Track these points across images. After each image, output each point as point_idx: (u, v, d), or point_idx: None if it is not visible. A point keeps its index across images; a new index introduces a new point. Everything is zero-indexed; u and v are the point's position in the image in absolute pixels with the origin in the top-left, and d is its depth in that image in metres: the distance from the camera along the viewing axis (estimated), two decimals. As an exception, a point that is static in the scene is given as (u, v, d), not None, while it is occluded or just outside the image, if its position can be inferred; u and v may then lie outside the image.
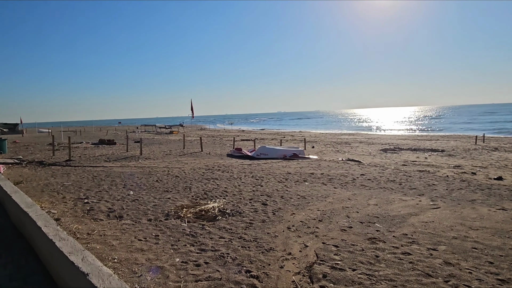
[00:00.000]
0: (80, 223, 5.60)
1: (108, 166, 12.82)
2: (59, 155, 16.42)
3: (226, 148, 22.43)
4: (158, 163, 13.92)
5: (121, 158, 15.36)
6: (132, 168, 12.48)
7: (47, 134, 49.27)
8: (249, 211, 6.54)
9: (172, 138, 34.93)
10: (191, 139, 33.82)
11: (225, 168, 12.49)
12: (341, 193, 8.29)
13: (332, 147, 24.18)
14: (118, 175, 10.84)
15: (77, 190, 8.35)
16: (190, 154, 17.24)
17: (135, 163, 13.85)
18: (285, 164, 13.88)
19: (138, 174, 10.96)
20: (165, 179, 10.13)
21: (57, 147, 21.87)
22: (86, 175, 10.74)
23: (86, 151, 19.13)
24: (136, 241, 4.79)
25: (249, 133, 47.03)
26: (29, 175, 10.65)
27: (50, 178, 10.05)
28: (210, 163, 14.10)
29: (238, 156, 16.87)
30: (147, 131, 56.49)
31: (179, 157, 16.07)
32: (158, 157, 15.67)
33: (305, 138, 26.09)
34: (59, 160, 14.38)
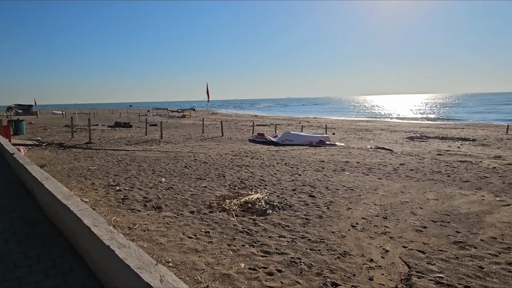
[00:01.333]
0: (117, 215, 5.01)
1: (131, 150, 12.27)
2: (78, 137, 15.96)
3: (245, 133, 21.74)
4: (180, 147, 13.32)
5: (142, 141, 14.81)
6: (156, 152, 11.90)
7: (61, 115, 49.24)
8: (298, 204, 5.87)
9: (186, 122, 34.36)
10: (206, 124, 33.22)
11: (252, 154, 11.82)
12: (390, 185, 7.55)
13: (354, 134, 23.30)
14: (143, 159, 10.27)
15: (105, 175, 7.79)
16: (211, 139, 16.59)
17: (157, 147, 13.28)
18: (314, 151, 13.15)
19: (164, 159, 10.37)
20: (193, 165, 9.52)
21: (74, 129, 21.51)
22: (110, 159, 10.19)
23: (104, 133, 18.65)
24: (186, 239, 4.17)
25: (263, 118, 46.19)
26: (51, 158, 10.15)
27: (74, 161, 9.53)
28: (234, 148, 13.45)
29: (260, 141, 16.17)
30: (159, 114, 56.08)
31: (200, 141, 15.44)
32: (179, 141, 15.07)
33: (326, 125, 25.18)
34: (79, 143, 13.90)
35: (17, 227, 3.89)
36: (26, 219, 4.15)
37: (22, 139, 14.88)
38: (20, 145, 11.92)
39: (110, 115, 52.07)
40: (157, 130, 21.13)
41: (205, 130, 22.32)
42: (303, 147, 14.80)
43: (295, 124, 34.69)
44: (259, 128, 27.99)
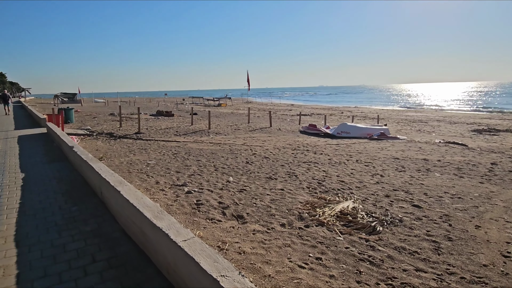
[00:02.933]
0: (197, 226, 4.18)
1: (182, 141, 11.63)
2: (126, 127, 15.67)
3: (290, 123, 20.61)
4: (232, 139, 12.51)
5: (190, 132, 14.19)
6: (208, 144, 11.15)
7: (103, 104, 50.70)
8: (407, 217, 4.74)
9: (223, 111, 33.75)
10: (243, 112, 32.42)
11: (313, 149, 10.73)
12: (503, 192, 6.18)
13: (409, 126, 21.41)
14: (198, 152, 9.53)
15: (166, 172, 7.07)
16: (260, 129, 15.66)
17: (207, 138, 12.56)
18: (378, 146, 11.80)
19: (220, 153, 9.57)
20: (255, 160, 8.62)
21: (117, 117, 21.50)
22: (165, 151, 9.55)
23: (149, 122, 18.33)
24: (298, 269, 3.22)
25: (301, 108, 44.60)
26: (105, 149, 9.69)
27: (130, 154, 8.97)
28: (289, 141, 12.42)
29: (313, 133, 15.00)
30: (195, 103, 56.17)
31: (250, 132, 14.56)
32: (228, 132, 14.27)
33: (378, 115, 23.36)
34: (129, 133, 13.52)
35: (94, 248, 3.14)
36: (102, 236, 3.41)
37: (72, 127, 14.81)
38: (72, 134, 11.68)
39: (148, 104, 52.89)
40: (200, 119, 20.58)
41: (250, 120, 21.46)
42: (363, 140, 13.46)
43: (338, 114, 33.01)
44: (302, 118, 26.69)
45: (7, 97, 25.26)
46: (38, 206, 4.23)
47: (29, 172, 5.97)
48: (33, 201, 4.38)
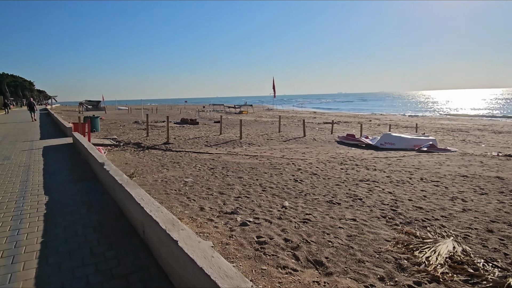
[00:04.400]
0: (269, 279, 3.12)
1: (214, 153, 10.67)
2: (152, 136, 14.91)
3: (320, 132, 19.38)
4: (267, 151, 11.46)
5: (221, 142, 13.24)
6: (244, 157, 10.13)
7: (126, 111, 50.98)
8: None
9: (246, 119, 32.85)
10: (266, 120, 31.44)
11: (361, 163, 9.52)
12: None
13: (450, 136, 19.80)
14: (236, 167, 8.52)
15: (208, 193, 6.07)
16: (294, 140, 14.53)
17: (241, 149, 11.56)
18: (434, 160, 10.46)
19: (260, 167, 8.53)
20: (302, 177, 7.53)
21: (142, 125, 20.91)
22: (200, 166, 8.59)
23: (175, 131, 17.57)
24: None
25: (325, 115, 43.19)
26: (135, 163, 8.83)
27: (162, 169, 8.05)
28: (331, 153, 11.26)
29: (352, 144, 13.76)
30: (216, 110, 55.70)
31: (284, 143, 13.47)
32: (262, 143, 13.24)
33: (416, 124, 21.78)
34: (157, 143, 12.71)
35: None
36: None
37: (98, 136, 14.19)
38: (99, 145, 10.95)
39: (170, 111, 52.79)
40: (226, 127, 19.70)
41: (273, 127, 20.39)
42: (411, 152, 12.12)
43: (366, 122, 31.46)
44: (326, 126, 25.39)
45: (33, 105, 25.37)
46: (63, 248, 3.28)
47: (53, 195, 5.09)
48: (57, 241, 3.44)
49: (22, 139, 12.45)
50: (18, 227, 3.83)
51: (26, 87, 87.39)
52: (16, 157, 8.45)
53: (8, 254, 3.17)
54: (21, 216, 4.17)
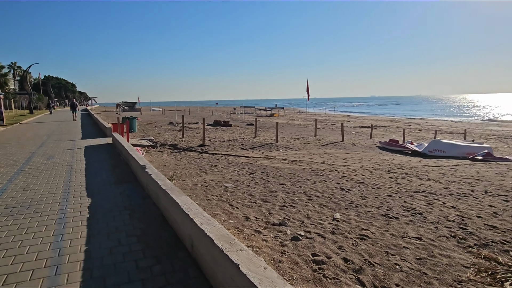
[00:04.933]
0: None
1: (251, 157, 10.34)
2: (188, 138, 14.89)
3: (357, 136, 18.51)
4: (306, 155, 10.95)
5: (256, 145, 12.90)
6: (283, 162, 9.71)
7: (160, 112, 52.36)
8: None
9: (278, 122, 32.37)
10: (299, 123, 30.79)
11: (411, 171, 8.76)
12: None
13: (504, 143, 18.14)
14: (276, 172, 8.11)
15: (251, 200, 5.70)
16: (333, 144, 13.89)
17: (278, 153, 11.14)
18: (494, 170, 9.44)
19: (301, 174, 8.06)
20: (349, 186, 6.97)
21: (176, 126, 21.11)
22: (238, 170, 8.28)
23: (209, 133, 17.49)
24: None
25: (359, 119, 41.72)
26: (173, 165, 8.69)
27: (201, 172, 7.82)
28: (374, 159, 10.54)
29: (396, 150, 12.88)
30: (247, 112, 55.74)
31: (323, 148, 12.88)
32: (299, 147, 12.74)
33: (465, 130, 20.25)
34: (192, 145, 12.61)
35: None
36: None
37: (135, 137, 14.38)
38: (137, 146, 11.00)
39: (201, 113, 53.53)
40: (260, 130, 19.38)
41: (311, 131, 19.78)
42: (465, 161, 11.08)
43: (405, 126, 29.89)
44: (363, 130, 24.33)
45: (75, 105, 26.65)
46: (108, 260, 3.03)
47: (95, 198, 4.95)
48: (101, 251, 3.20)
49: (65, 138, 12.85)
50: (62, 232, 3.66)
51: (69, 89, 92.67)
52: (59, 156, 8.59)
53: (51, 263, 2.96)
54: (64, 220, 4.02)
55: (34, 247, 3.28)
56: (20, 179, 6.12)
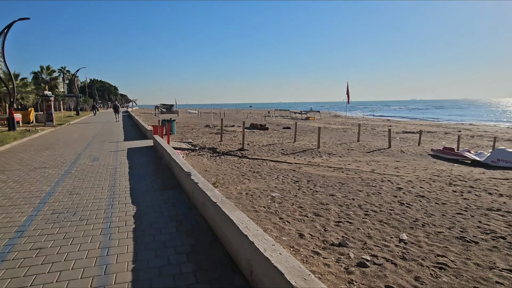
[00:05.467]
0: None
1: (294, 163, 9.83)
2: (225, 141, 14.69)
3: (403, 142, 17.28)
4: (352, 162, 10.24)
5: (297, 150, 12.37)
6: (328, 169, 9.10)
7: (196, 115, 53.38)
8: None
9: (315, 125, 31.54)
10: (336, 128, 29.73)
11: (475, 184, 7.79)
12: None
13: None
14: (323, 181, 7.55)
15: (301, 213, 5.22)
16: (379, 151, 12.99)
17: (321, 160, 10.53)
18: None
19: (351, 183, 7.43)
20: (408, 199, 6.25)
21: (213, 129, 21.10)
22: (282, 177, 7.82)
23: (247, 137, 17.17)
24: None
25: (401, 124, 39.60)
26: (214, 170, 8.42)
27: (244, 179, 7.46)
28: (430, 169, 9.59)
29: (451, 159, 11.74)
30: (281, 116, 55.18)
31: (368, 154, 12.05)
32: (343, 153, 12.02)
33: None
34: (231, 149, 12.35)
35: None
36: None
37: (174, 139, 14.43)
38: (177, 148, 10.92)
39: (236, 115, 53.81)
40: (298, 134, 18.79)
41: (351, 135, 18.83)
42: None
43: (454, 132, 27.78)
44: (408, 136, 22.86)
45: (117, 107, 27.75)
46: (157, 283, 2.69)
47: (140, 205, 4.73)
48: (150, 271, 2.88)
49: (108, 139, 13.14)
50: (107, 244, 3.41)
51: (111, 91, 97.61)
52: (104, 159, 8.65)
53: (98, 283, 2.68)
54: (109, 230, 3.79)
55: (80, 262, 3.03)
56: (67, 182, 6.11)
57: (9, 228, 3.86)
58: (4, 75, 22.64)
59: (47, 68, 49.69)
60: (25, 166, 7.64)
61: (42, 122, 23.07)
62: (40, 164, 7.93)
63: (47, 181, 6.17)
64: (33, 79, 47.02)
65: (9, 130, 16.27)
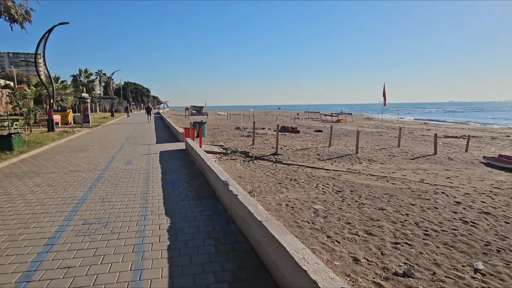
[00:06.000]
0: None
1: (332, 170, 9.19)
2: (258, 145, 14.26)
3: (446, 148, 15.96)
4: (396, 170, 9.41)
5: (334, 156, 11.67)
6: (371, 178, 8.37)
7: (225, 116, 53.61)
8: None
9: (347, 128, 30.42)
10: (371, 131, 28.41)
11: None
12: None
13: None
14: (368, 192, 6.86)
15: (351, 231, 4.62)
16: (424, 158, 11.96)
17: (361, 167, 9.79)
18: None
19: (400, 195, 6.69)
20: (472, 217, 5.44)
21: (243, 131, 20.78)
22: (322, 186, 7.23)
23: (279, 140, 16.67)
24: None
25: (439, 127, 37.31)
26: (249, 176, 7.99)
27: (282, 188, 6.95)
28: (487, 180, 8.57)
29: (508, 168, 10.53)
30: (311, 118, 54.10)
31: (413, 161, 11.11)
32: (384, 160, 11.17)
33: None
34: (264, 153, 11.89)
35: None
36: None
37: (206, 142, 14.21)
38: (209, 152, 10.62)
39: (264, 117, 53.43)
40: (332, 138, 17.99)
41: (387, 140, 17.74)
42: None
43: (501, 137, 25.63)
44: (451, 141, 21.29)
45: (150, 109, 28.30)
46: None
47: (175, 217, 4.36)
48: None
49: (141, 142, 13.15)
50: (140, 266, 3.04)
51: (144, 93, 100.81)
52: (136, 162, 8.49)
53: (128, 318, 2.29)
54: (142, 247, 3.43)
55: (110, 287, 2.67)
56: (100, 187, 5.91)
57: (39, 240, 3.61)
58: (45, 78, 23.70)
59: (85, 71, 52.00)
60: (60, 169, 7.61)
61: (79, 123, 23.90)
62: (75, 167, 7.89)
63: (80, 186, 6.01)
64: (72, 81, 49.38)
65: (48, 131, 16.86)
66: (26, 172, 7.31)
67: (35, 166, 8.04)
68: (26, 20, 13.74)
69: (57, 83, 34.06)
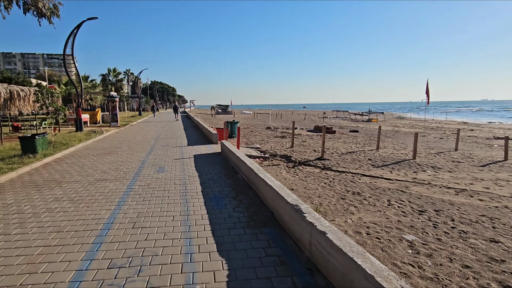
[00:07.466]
0: None
1: (394, 180, 7.73)
2: (297, 147, 12.94)
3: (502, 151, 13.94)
4: (473, 181, 7.82)
5: (389, 161, 10.15)
6: (448, 191, 6.86)
7: (251, 115, 52.56)
8: None
9: (384, 128, 28.33)
10: (406, 131, 26.28)
11: None
12: None
13: None
14: (460, 214, 5.38)
15: (478, 282, 3.26)
16: (495, 164, 10.18)
17: (428, 177, 8.24)
18: None
19: (503, 218, 5.18)
20: None
21: (275, 131, 19.53)
22: (396, 203, 5.82)
23: (315, 141, 15.29)
24: None
25: (482, 127, 34.30)
26: (301, 188, 6.69)
27: (348, 206, 5.61)
28: None
29: None
30: (339, 117, 51.98)
31: (485, 169, 9.40)
32: (450, 167, 9.51)
33: None
34: (307, 157, 10.55)
35: None
36: None
37: (240, 145, 13.07)
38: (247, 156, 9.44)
39: (292, 117, 51.86)
40: (371, 138, 16.34)
41: (430, 141, 15.85)
42: None
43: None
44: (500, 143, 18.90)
45: (177, 108, 27.77)
46: None
47: (232, 258, 3.17)
48: None
49: (171, 143, 12.20)
50: None
51: (170, 92, 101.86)
52: (170, 169, 7.44)
53: None
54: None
55: None
56: (129, 205, 4.83)
57: (47, 297, 2.53)
58: (75, 76, 23.49)
59: (113, 71, 52.59)
60: (84, 177, 6.66)
61: (107, 122, 23.54)
62: (101, 174, 6.93)
63: (107, 201, 4.97)
64: (101, 80, 50.04)
65: (76, 131, 16.36)
66: (46, 180, 6.41)
67: (58, 172, 7.17)
68: (54, 15, 13.16)
69: (87, 82, 34.21)
